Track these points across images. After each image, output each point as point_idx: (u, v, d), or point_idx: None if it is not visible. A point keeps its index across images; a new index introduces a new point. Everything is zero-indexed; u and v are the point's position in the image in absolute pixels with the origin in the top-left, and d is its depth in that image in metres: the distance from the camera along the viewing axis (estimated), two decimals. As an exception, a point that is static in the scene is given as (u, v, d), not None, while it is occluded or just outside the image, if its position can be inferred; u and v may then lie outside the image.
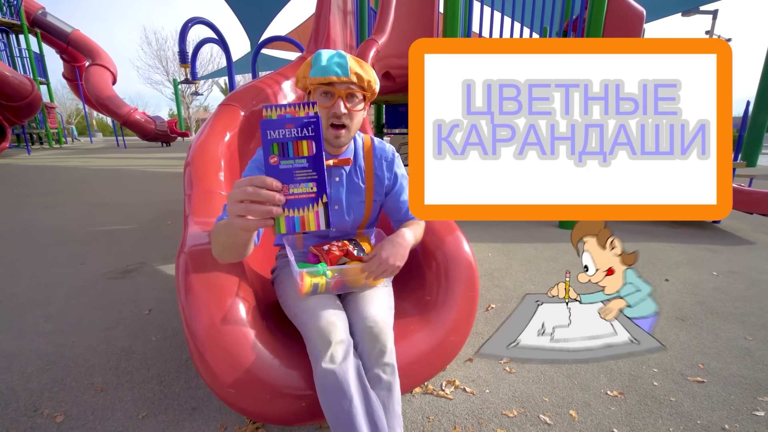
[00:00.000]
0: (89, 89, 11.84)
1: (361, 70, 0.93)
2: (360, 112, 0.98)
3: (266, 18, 12.12)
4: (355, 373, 0.83)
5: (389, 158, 1.11)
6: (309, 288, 0.93)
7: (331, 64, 0.90)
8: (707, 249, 2.67)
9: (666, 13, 9.80)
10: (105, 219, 3.41)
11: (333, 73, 0.89)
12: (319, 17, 3.05)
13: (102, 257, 2.41)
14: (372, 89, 0.97)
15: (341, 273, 0.95)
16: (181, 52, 6.11)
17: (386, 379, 0.86)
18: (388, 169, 1.10)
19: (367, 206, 1.09)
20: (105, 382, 1.24)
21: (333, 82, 0.90)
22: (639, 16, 2.84)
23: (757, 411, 1.12)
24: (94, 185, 5.33)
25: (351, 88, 0.92)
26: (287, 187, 0.68)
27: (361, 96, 0.96)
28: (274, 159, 0.67)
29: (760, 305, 1.81)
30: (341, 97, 0.91)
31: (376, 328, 0.88)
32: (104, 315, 1.68)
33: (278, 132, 0.67)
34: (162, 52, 26.26)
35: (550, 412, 1.12)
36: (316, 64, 0.91)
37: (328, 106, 0.92)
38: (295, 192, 0.69)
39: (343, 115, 0.93)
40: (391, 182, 1.11)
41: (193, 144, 1.83)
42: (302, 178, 0.69)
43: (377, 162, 1.09)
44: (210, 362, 0.90)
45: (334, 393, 0.79)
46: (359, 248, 1.04)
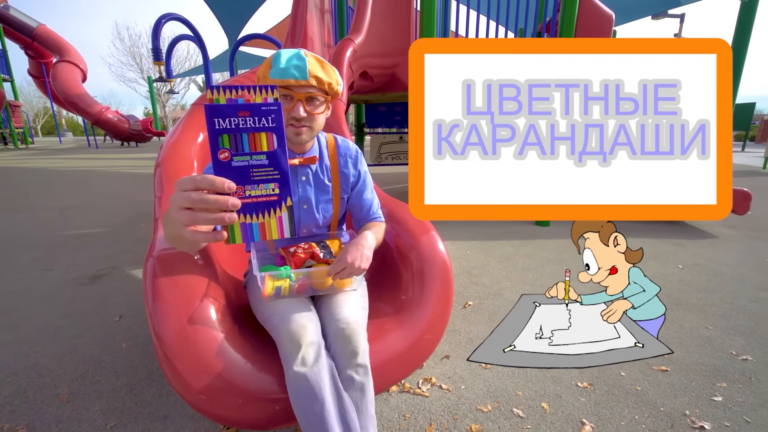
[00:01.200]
0: (57, 87, 11.33)
1: (322, 72, 0.90)
2: (322, 114, 0.95)
3: (244, 15, 11.89)
4: (327, 375, 0.82)
5: (353, 155, 1.11)
6: (271, 291, 0.93)
7: (290, 66, 0.86)
8: (674, 243, 2.79)
9: (637, 16, 10.14)
10: (74, 222, 3.28)
11: (291, 77, 0.86)
12: (295, 15, 3.02)
13: (71, 262, 2.32)
14: (334, 91, 0.94)
15: (306, 276, 0.94)
16: (155, 49, 5.94)
17: (359, 380, 0.86)
18: (353, 166, 1.10)
19: (335, 204, 1.10)
20: (71, 393, 1.19)
21: (291, 86, 0.87)
22: (608, 19, 2.93)
23: (716, 396, 1.18)
24: (63, 187, 5.11)
25: (310, 91, 0.89)
26: (242, 189, 0.57)
27: (322, 98, 0.93)
28: (225, 154, 0.56)
29: (720, 296, 1.90)
30: (300, 100, 0.88)
31: (348, 330, 0.88)
32: (72, 323, 1.61)
33: (229, 121, 0.55)
34: (135, 49, 25.44)
35: (523, 406, 1.15)
36: (275, 65, 0.87)
37: (287, 109, 0.88)
38: (252, 194, 0.58)
39: (303, 119, 0.90)
40: (355, 179, 1.12)
41: (165, 144, 1.79)
42: (261, 177, 0.58)
43: (342, 159, 1.09)
44: (179, 368, 0.88)
45: (306, 396, 0.79)
46: (326, 250, 1.03)
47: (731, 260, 2.43)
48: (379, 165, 4.90)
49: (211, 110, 0.54)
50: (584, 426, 1.06)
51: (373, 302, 1.23)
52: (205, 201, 0.55)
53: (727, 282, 2.08)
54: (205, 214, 0.56)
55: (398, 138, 4.89)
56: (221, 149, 0.56)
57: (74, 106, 11.75)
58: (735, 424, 1.07)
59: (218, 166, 0.57)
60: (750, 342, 1.49)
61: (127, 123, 13.10)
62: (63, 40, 12.36)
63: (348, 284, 0.99)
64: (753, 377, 1.28)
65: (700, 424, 1.06)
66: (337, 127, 1.80)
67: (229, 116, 0.55)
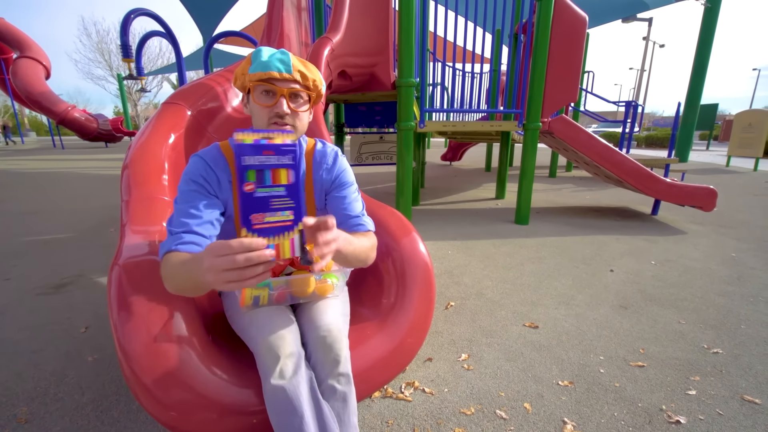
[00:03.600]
0: (18, 84, 10.72)
1: (305, 69, 0.86)
2: (305, 114, 0.90)
3: (219, 11, 11.57)
4: (306, 387, 0.79)
5: (329, 162, 1.00)
6: (249, 301, 0.88)
7: (273, 59, 0.83)
8: (646, 240, 2.88)
9: (608, 19, 10.48)
10: (36, 228, 3.09)
11: (275, 69, 0.82)
12: (271, 13, 2.95)
13: (32, 271, 2.18)
14: (317, 89, 0.90)
15: (286, 284, 0.90)
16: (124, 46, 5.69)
17: (341, 389, 0.84)
18: (327, 173, 1.00)
19: (309, 212, 1.01)
20: (30, 413, 1.11)
21: (274, 79, 0.83)
22: (582, 21, 3.00)
23: (690, 390, 1.21)
24: (24, 191, 4.84)
25: (294, 87, 0.85)
26: (263, 216, 0.67)
27: (306, 96, 0.88)
28: (250, 186, 0.66)
29: (691, 290, 1.97)
30: (284, 95, 0.84)
31: (330, 338, 0.85)
32: (32, 336, 1.51)
33: (255, 158, 0.66)
34: (104, 45, 24.44)
35: (506, 407, 1.14)
36: (256, 59, 0.84)
37: (269, 105, 0.84)
38: (270, 221, 0.68)
39: (287, 115, 0.85)
40: (331, 183, 1.00)
41: (133, 145, 1.70)
42: (279, 206, 0.68)
43: (316, 166, 0.99)
44: (147, 383, 0.83)
45: (284, 410, 0.75)
46: (305, 257, 1.00)
47: (700, 255, 2.52)
48: (359, 165, 4.86)
49: (241, 149, 0.65)
50: (566, 425, 1.07)
51: (354, 306, 1.20)
52: (250, 261, 0.59)
53: (697, 277, 2.16)
54: (251, 271, 0.60)
55: (378, 138, 4.86)
56: (247, 182, 0.66)
57: (37, 105, 11.14)
58: (708, 417, 1.10)
59: (243, 196, 0.66)
60: (720, 335, 1.55)
61: (96, 122, 12.55)
62: (24, 35, 11.69)
63: (330, 291, 0.96)
64: (723, 369, 1.32)
65: (676, 419, 1.09)
66: (315, 127, 1.75)
67: (256, 154, 0.66)
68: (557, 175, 6.91)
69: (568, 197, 4.72)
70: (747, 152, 7.99)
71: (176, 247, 0.77)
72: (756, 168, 7.81)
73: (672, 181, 3.26)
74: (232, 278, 0.60)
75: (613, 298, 1.89)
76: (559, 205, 4.24)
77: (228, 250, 0.59)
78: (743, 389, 1.22)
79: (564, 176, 6.90)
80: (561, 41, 3.09)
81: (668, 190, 3.25)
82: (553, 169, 6.79)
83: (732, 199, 4.53)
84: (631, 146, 12.37)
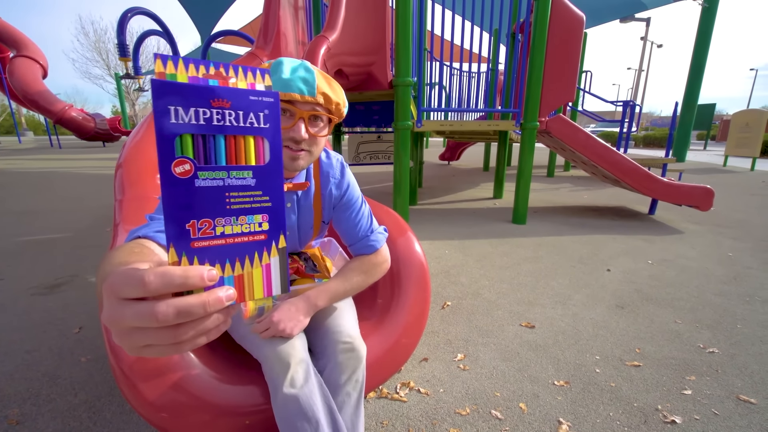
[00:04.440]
0: (14, 84, 10.65)
1: (330, 90, 0.75)
2: (323, 138, 0.79)
3: (217, 10, 11.55)
4: (319, 393, 0.77)
5: (337, 176, 0.94)
6: (254, 311, 0.87)
7: (295, 78, 0.70)
8: (643, 239, 2.88)
9: (606, 19, 10.50)
10: (32, 228, 3.08)
11: (297, 90, 0.70)
12: (268, 12, 2.94)
13: (27, 271, 2.17)
14: (340, 112, 0.78)
15: (291, 292, 0.89)
16: (121, 45, 5.67)
17: (356, 396, 0.83)
18: (336, 187, 0.93)
19: (315, 228, 0.98)
20: (22, 414, 1.10)
21: (295, 101, 0.71)
22: (579, 21, 3.00)
23: (686, 390, 1.21)
24: (21, 190, 4.81)
25: (316, 109, 0.73)
26: (210, 223, 0.35)
27: (326, 119, 0.77)
28: (185, 167, 0.33)
29: (687, 290, 1.97)
30: (303, 118, 0.72)
31: (354, 344, 0.84)
32: (25, 336, 1.50)
33: (195, 112, 0.33)
34: (101, 44, 24.35)
35: (502, 407, 1.14)
36: (276, 73, 0.71)
37: (285, 128, 0.72)
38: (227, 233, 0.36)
39: (303, 141, 0.74)
40: (338, 199, 0.94)
41: (127, 144, 1.69)
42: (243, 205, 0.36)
43: (324, 179, 0.93)
44: (138, 384, 0.82)
45: (298, 420, 0.73)
46: (309, 263, 0.99)
47: (697, 255, 2.53)
48: (357, 164, 4.85)
49: (163, 89, 0.31)
50: (561, 425, 1.06)
51: (349, 307, 1.20)
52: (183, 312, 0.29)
53: (693, 276, 2.16)
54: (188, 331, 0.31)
55: (376, 137, 4.85)
56: (178, 158, 0.33)
57: (34, 104, 11.07)
58: (704, 417, 1.10)
59: (171, 185, 0.32)
60: (716, 335, 1.54)
61: (93, 122, 12.49)
62: (20, 34, 11.62)
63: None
64: (719, 369, 1.32)
65: (672, 419, 1.09)
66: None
67: (196, 105, 0.33)
68: (555, 175, 6.91)
69: (565, 197, 4.72)
70: (744, 152, 8.02)
71: (153, 235, 0.53)
72: (753, 168, 7.84)
73: (669, 181, 3.27)
74: (150, 341, 0.30)
75: (609, 297, 1.89)
76: (556, 204, 4.24)
77: (141, 290, 0.29)
78: (739, 389, 1.22)
79: (562, 176, 6.91)
80: (558, 41, 3.08)
81: (665, 189, 3.26)
82: (551, 168, 6.80)
83: (729, 199, 4.54)
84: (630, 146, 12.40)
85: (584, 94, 6.49)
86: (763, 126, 7.69)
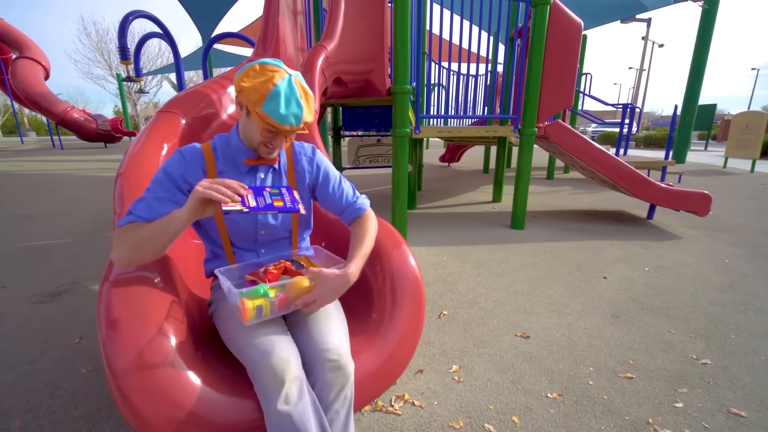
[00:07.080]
0: (17, 85, 10.71)
1: (309, 114, 0.93)
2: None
3: (218, 12, 11.55)
4: (312, 410, 0.79)
5: (308, 153, 1.12)
6: (253, 313, 0.88)
7: (289, 115, 0.89)
8: (641, 245, 2.89)
9: (607, 20, 10.48)
10: (33, 233, 3.10)
11: (288, 124, 0.90)
12: (267, 17, 2.95)
13: (28, 278, 2.19)
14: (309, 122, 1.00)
15: (284, 289, 0.91)
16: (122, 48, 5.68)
17: (344, 413, 0.85)
18: (308, 163, 1.11)
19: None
20: (23, 426, 1.12)
21: (285, 130, 0.92)
22: (577, 27, 3.00)
23: (677, 402, 1.23)
24: (21, 193, 4.84)
25: (297, 131, 0.95)
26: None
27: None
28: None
29: (683, 298, 1.98)
30: (285, 136, 0.96)
31: (341, 361, 0.86)
32: (26, 346, 1.52)
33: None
34: (103, 45, 24.37)
35: (495, 420, 1.15)
36: (273, 103, 0.87)
37: (268, 138, 0.95)
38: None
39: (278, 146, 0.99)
40: (314, 175, 1.11)
41: (128, 154, 1.71)
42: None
43: (296, 157, 1.10)
44: (135, 402, 0.84)
45: None
46: (297, 264, 1.02)
47: (693, 261, 2.54)
48: (357, 168, 4.86)
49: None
50: (553, 439, 1.08)
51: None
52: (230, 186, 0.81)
53: (689, 284, 2.17)
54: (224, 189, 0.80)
55: (376, 141, 4.87)
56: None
57: (36, 106, 11.14)
58: (694, 431, 1.11)
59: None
60: (709, 345, 1.56)
61: (95, 123, 12.54)
62: (23, 35, 11.68)
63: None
64: (711, 381, 1.34)
65: (662, 432, 1.10)
66: (309, 137, 1.76)
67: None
68: (555, 177, 6.91)
69: (564, 200, 4.73)
70: (744, 153, 8.00)
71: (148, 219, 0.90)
72: (753, 169, 7.82)
73: (666, 186, 3.27)
74: (215, 190, 0.78)
75: (605, 306, 1.90)
76: (555, 208, 4.25)
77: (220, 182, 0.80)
78: (730, 401, 1.23)
79: (562, 178, 6.91)
80: (556, 47, 3.09)
81: (662, 195, 3.26)
82: (550, 170, 6.80)
83: (727, 202, 4.54)
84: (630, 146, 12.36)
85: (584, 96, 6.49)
86: (763, 128, 7.67)
